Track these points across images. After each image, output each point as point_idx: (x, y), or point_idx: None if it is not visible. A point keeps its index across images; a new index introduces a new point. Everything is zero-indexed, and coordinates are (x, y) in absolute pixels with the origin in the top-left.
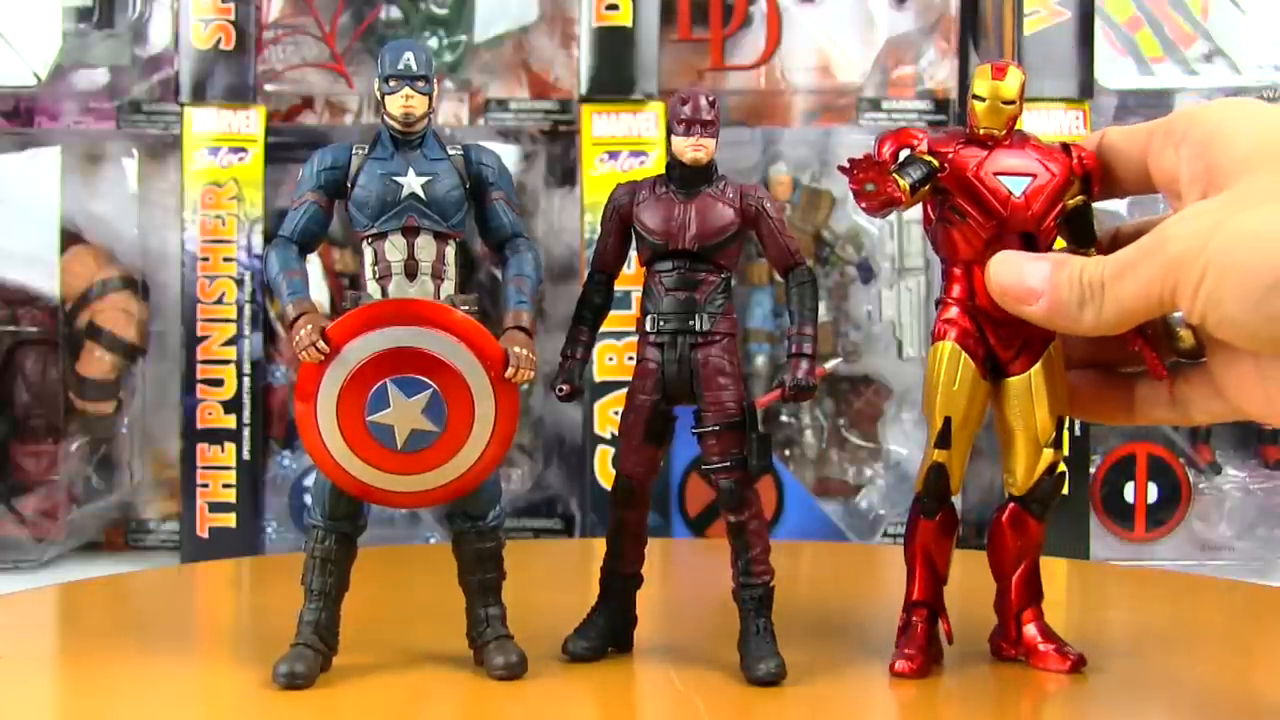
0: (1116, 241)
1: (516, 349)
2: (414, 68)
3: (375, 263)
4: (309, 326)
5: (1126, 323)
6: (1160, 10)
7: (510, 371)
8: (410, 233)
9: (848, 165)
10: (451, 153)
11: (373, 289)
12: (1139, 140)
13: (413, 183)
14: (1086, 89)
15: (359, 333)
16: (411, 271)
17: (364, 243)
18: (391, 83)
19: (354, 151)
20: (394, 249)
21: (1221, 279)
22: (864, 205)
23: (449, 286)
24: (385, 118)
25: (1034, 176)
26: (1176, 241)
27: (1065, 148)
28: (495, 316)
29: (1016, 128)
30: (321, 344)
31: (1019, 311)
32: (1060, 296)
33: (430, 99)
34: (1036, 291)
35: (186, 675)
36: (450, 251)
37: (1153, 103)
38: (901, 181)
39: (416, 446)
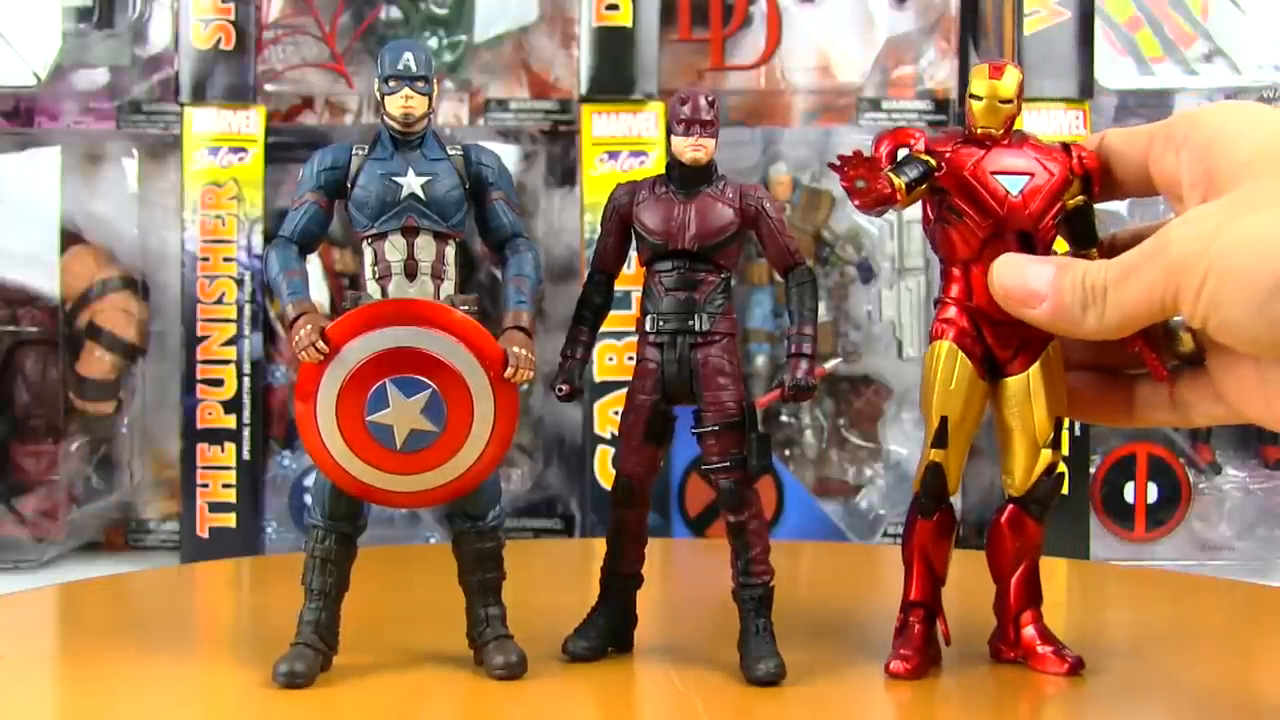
0: (1112, 249)
1: (516, 349)
2: (413, 68)
3: (375, 263)
4: (309, 326)
5: (1128, 327)
6: (1160, 10)
7: (510, 372)
8: (410, 233)
9: (838, 162)
10: (451, 153)
11: (372, 289)
12: (1139, 143)
13: (412, 183)
14: (1086, 89)
15: (359, 333)
16: (411, 272)
17: (364, 243)
18: (391, 83)
19: (354, 152)
20: (394, 249)
21: (1222, 282)
22: (857, 203)
23: (449, 286)
24: (385, 118)
25: (1031, 176)
26: (1178, 245)
27: (1066, 147)
28: (495, 316)
29: (1015, 127)
30: (321, 344)
31: (1021, 314)
32: (1063, 300)
33: (430, 99)
34: (1040, 294)
35: (186, 675)
36: (450, 251)
37: (1153, 103)
38: (896, 180)
39: (416, 446)
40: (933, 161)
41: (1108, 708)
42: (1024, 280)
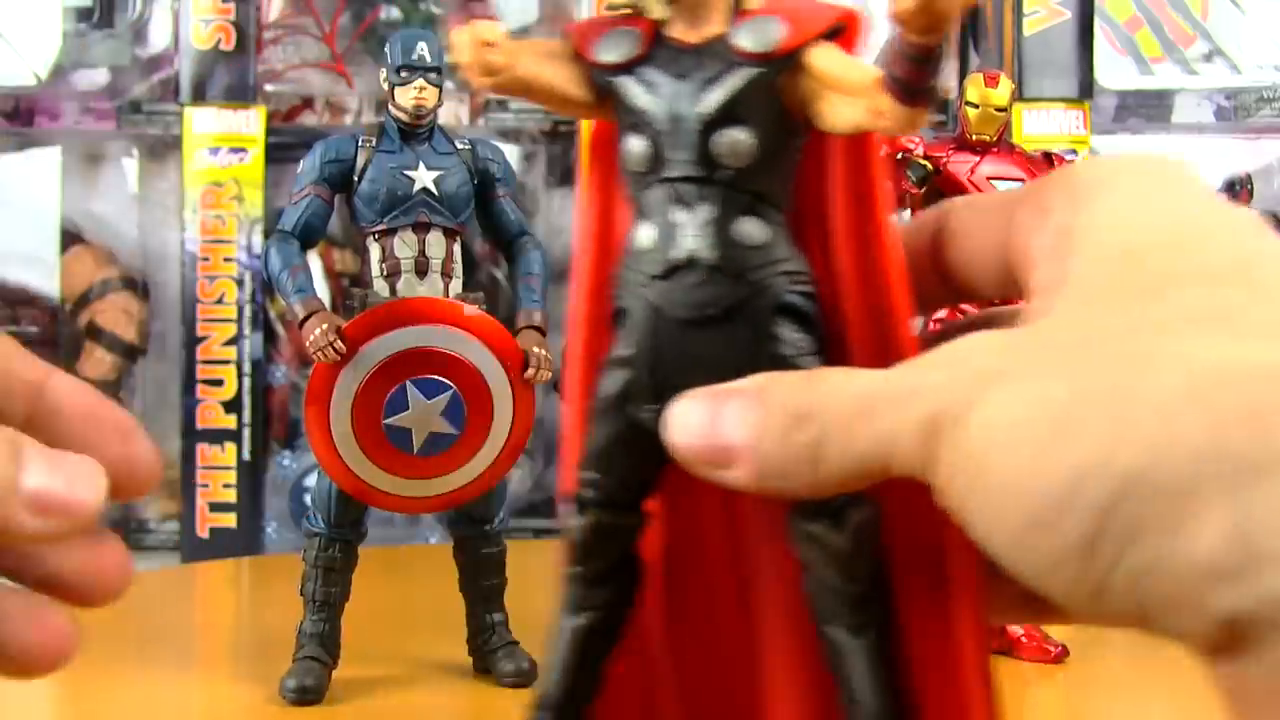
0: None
1: (535, 349)
2: (428, 58)
3: (383, 260)
4: (324, 325)
5: (854, 484)
6: (1160, 10)
7: (530, 372)
8: (421, 229)
9: None
10: (460, 147)
11: (380, 287)
12: (997, 220)
13: (424, 177)
14: (1086, 89)
15: (378, 332)
16: (422, 269)
17: (369, 239)
18: (403, 73)
19: (359, 143)
20: (404, 245)
21: (968, 493)
22: None
23: (457, 285)
24: (393, 109)
25: (1023, 182)
26: (930, 398)
27: (1047, 156)
28: (494, 316)
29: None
30: (339, 344)
31: (714, 477)
32: (768, 451)
33: (440, 91)
34: (735, 450)
35: (187, 681)
36: (458, 249)
37: (1153, 102)
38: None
39: (433, 450)
40: (930, 166)
41: (1109, 704)
42: (712, 432)
